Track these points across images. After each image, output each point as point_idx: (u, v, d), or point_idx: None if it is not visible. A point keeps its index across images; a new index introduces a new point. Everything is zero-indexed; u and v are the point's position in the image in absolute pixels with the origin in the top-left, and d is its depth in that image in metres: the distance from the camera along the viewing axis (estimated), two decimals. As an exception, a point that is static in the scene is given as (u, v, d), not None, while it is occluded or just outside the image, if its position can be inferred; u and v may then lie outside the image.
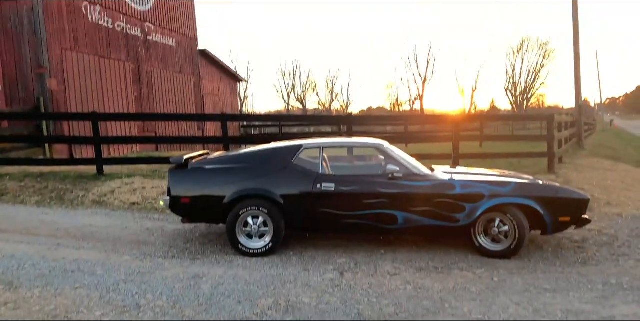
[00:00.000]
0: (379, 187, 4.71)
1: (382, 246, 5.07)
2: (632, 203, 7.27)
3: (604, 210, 6.79)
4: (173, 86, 16.85)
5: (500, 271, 4.28)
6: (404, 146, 17.86)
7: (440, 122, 16.88)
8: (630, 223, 6.00)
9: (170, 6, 16.84)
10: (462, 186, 4.69)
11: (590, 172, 10.19)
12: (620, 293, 3.69)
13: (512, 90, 64.07)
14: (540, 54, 61.37)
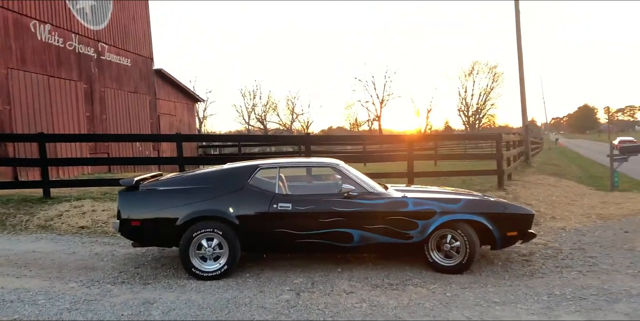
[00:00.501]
0: (335, 205, 4.76)
1: (340, 265, 5.09)
2: (574, 217, 7.63)
3: (549, 224, 7.09)
4: (127, 106, 16.53)
5: (452, 286, 4.38)
6: (362, 165, 18.14)
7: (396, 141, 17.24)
8: (572, 236, 6.29)
9: (126, 25, 16.65)
10: (415, 203, 4.80)
11: (537, 188, 10.64)
12: (564, 304, 3.85)
13: (464, 111, 66.55)
14: (490, 77, 64.39)
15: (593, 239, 6.15)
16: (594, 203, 9.16)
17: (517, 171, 13.87)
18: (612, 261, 5.11)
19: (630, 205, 8.82)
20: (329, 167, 5.23)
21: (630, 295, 4.01)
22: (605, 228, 6.80)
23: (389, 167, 14.27)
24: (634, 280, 4.42)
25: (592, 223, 7.23)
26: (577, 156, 30.90)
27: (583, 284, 4.34)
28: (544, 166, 17.93)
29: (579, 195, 10.31)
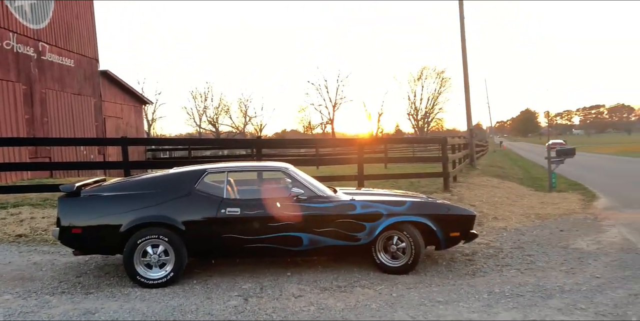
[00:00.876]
0: (284, 209, 4.77)
1: (289, 268, 5.10)
2: (515, 217, 7.99)
3: (491, 224, 7.39)
4: (71, 108, 15.87)
5: (399, 287, 4.48)
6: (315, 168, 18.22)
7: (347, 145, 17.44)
8: (513, 236, 6.59)
9: (68, 25, 16.00)
10: (362, 206, 4.89)
11: (481, 189, 11.06)
12: (502, 301, 4.02)
13: (414, 115, 68.20)
14: (437, 82, 66.29)
15: (531, 238, 6.46)
16: (534, 203, 9.62)
17: (462, 173, 14.37)
18: (547, 259, 5.39)
19: (566, 205, 9.33)
20: (279, 171, 5.24)
21: (563, 290, 4.25)
22: (542, 227, 7.16)
23: (341, 170, 14.44)
24: (567, 277, 4.68)
25: (531, 222, 7.60)
26: (519, 158, 32.29)
27: (521, 281, 4.55)
28: (488, 168, 18.64)
29: (519, 195, 10.79)
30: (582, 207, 9.13)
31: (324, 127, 63.26)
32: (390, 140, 24.66)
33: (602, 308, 3.78)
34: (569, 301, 3.96)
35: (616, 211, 8.50)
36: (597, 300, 3.97)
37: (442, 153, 10.38)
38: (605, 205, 9.26)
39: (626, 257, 5.31)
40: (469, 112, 17.23)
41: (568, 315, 3.67)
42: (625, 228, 6.88)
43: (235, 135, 58.38)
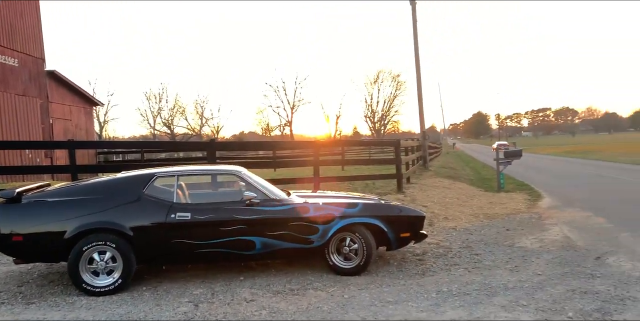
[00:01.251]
0: (236, 213, 4.74)
1: (242, 273, 5.07)
2: (464, 217, 8.25)
3: (442, 224, 7.59)
4: (15, 110, 15.16)
5: (350, 288, 4.54)
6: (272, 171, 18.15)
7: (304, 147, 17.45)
8: (462, 235, 6.80)
9: (12, 23, 15.29)
10: (315, 209, 4.93)
11: (433, 190, 11.35)
12: (450, 300, 4.15)
13: (370, 117, 69.12)
14: (393, 85, 67.47)
15: (479, 237, 6.69)
16: (483, 203, 9.95)
17: (416, 174, 14.68)
18: (494, 257, 5.60)
19: (513, 204, 9.71)
20: (231, 174, 5.20)
21: (507, 288, 4.42)
22: (490, 227, 7.42)
23: (298, 173, 14.45)
24: (511, 274, 4.87)
25: (480, 222, 7.87)
26: (471, 159, 33.31)
27: (468, 280, 4.70)
28: (441, 169, 19.13)
29: (469, 196, 11.14)
30: (527, 206, 9.53)
31: (283, 129, 63.18)
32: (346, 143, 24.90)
33: (542, 304, 3.96)
34: (512, 298, 4.13)
35: (559, 210, 8.92)
36: (537, 296, 4.15)
37: (396, 156, 10.58)
38: (549, 205, 9.70)
39: (566, 254, 5.58)
40: (421, 115, 17.65)
41: (510, 311, 3.82)
42: (566, 227, 7.23)
43: (191, 137, 57.32)
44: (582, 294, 4.16)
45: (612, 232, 6.69)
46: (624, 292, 4.17)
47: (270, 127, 63.81)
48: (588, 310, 3.78)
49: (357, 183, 11.50)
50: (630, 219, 7.61)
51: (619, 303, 3.90)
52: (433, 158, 25.91)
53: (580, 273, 4.82)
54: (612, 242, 6.08)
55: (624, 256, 5.38)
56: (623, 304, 3.89)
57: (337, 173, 15.57)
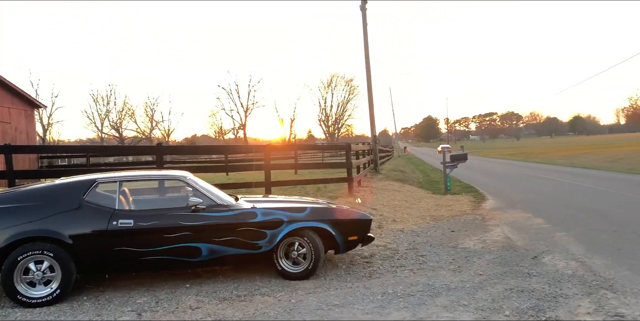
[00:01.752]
0: (181, 219, 4.66)
1: (189, 280, 4.99)
2: (412, 219, 8.45)
3: (390, 226, 7.75)
4: (-56, 111, 14.21)
5: (298, 292, 4.55)
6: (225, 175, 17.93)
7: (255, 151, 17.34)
8: (409, 237, 6.96)
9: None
10: (263, 214, 4.92)
11: (383, 193, 11.56)
12: (394, 301, 4.24)
13: (324, 121, 69.59)
14: (347, 90, 68.26)
15: (425, 239, 6.87)
16: (430, 206, 10.23)
17: (366, 178, 14.90)
18: (438, 258, 5.76)
19: (458, 206, 10.04)
20: (176, 180, 5.11)
21: (449, 288, 4.56)
22: (436, 229, 7.64)
23: (250, 177, 14.36)
24: (454, 275, 5.03)
25: (426, 224, 8.08)
26: (421, 162, 34.18)
27: (412, 281, 4.82)
28: (391, 172, 19.50)
29: (417, 198, 11.42)
30: (472, 208, 9.87)
31: (236, 132, 62.54)
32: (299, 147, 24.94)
33: (482, 303, 4.11)
34: (454, 298, 4.26)
35: (501, 211, 9.29)
36: (478, 296, 4.31)
37: (347, 159, 10.71)
38: (492, 206, 10.09)
39: (506, 254, 5.82)
40: (372, 119, 17.96)
41: (452, 311, 3.95)
42: (507, 227, 7.55)
43: (141, 141, 55.71)
44: (519, 293, 4.35)
45: (549, 232, 7.04)
46: (557, 290, 4.39)
47: (223, 130, 63.06)
48: (524, 308, 3.96)
49: (309, 187, 11.56)
50: (566, 219, 8.04)
51: (552, 301, 4.11)
52: (384, 161, 26.39)
53: (518, 272, 5.04)
54: (548, 242, 6.40)
55: (559, 255, 5.67)
56: (555, 301, 4.10)
57: (289, 177, 15.57)
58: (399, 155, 48.82)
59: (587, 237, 6.58)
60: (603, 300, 4.06)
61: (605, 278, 4.65)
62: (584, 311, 3.81)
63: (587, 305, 3.95)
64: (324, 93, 68.50)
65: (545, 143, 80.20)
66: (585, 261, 5.30)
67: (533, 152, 42.65)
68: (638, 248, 5.75)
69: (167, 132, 59.52)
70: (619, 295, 4.15)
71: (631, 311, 3.76)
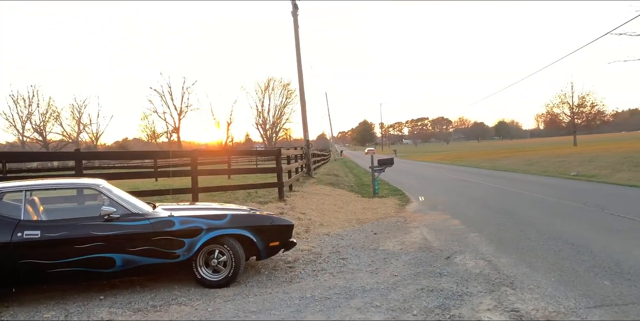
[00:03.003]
0: (93, 229, 4.51)
1: (103, 291, 4.83)
2: (339, 223, 8.64)
3: (317, 230, 7.88)
4: None
5: (217, 300, 4.54)
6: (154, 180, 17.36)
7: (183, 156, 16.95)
8: (333, 241, 7.12)
9: None
10: (181, 222, 4.86)
11: (313, 197, 11.71)
12: (311, 305, 4.34)
13: (262, 125, 69.26)
14: (284, 94, 68.36)
15: (349, 242, 7.05)
16: (357, 209, 10.49)
17: (298, 182, 15.02)
18: (358, 261, 5.95)
19: (383, 209, 10.37)
20: (89, 188, 4.95)
21: (364, 290, 4.72)
22: (360, 232, 7.86)
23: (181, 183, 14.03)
24: (371, 277, 5.22)
25: (352, 227, 8.29)
26: (355, 166, 34.83)
27: (331, 285, 4.94)
28: (325, 176, 19.77)
29: (346, 202, 11.67)
30: (396, 211, 10.23)
31: (170, 135, 60.74)
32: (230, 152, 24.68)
33: (393, 303, 4.30)
34: (368, 300, 4.43)
35: (422, 213, 9.70)
36: (390, 296, 4.50)
37: (277, 164, 10.76)
38: (415, 209, 10.50)
39: (421, 255, 6.10)
40: (305, 124, 18.13)
41: (364, 312, 4.10)
42: (426, 229, 7.90)
43: (67, 145, 52.76)
44: (429, 292, 4.58)
45: (464, 233, 7.44)
46: (463, 288, 4.67)
47: (156, 134, 61.06)
48: (431, 307, 4.18)
49: (239, 192, 11.49)
50: (480, 221, 8.53)
51: (458, 299, 4.37)
52: (320, 165, 26.69)
53: (430, 272, 5.30)
54: (462, 242, 6.77)
55: (469, 255, 6.02)
56: (461, 299, 4.36)
57: (222, 182, 15.38)
58: (335, 158, 49.51)
59: (497, 236, 7.03)
60: (503, 296, 4.37)
61: (507, 276, 5.00)
62: (485, 308, 4.09)
63: (488, 302, 4.23)
64: (261, 97, 68.26)
65: (473, 147, 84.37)
66: (492, 260, 5.67)
67: (460, 155, 44.72)
68: (539, 246, 6.23)
69: (96, 136, 56.80)
70: (517, 291, 4.48)
71: (525, 306, 4.07)
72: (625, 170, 16.11)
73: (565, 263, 5.33)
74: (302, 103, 18.21)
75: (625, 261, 5.24)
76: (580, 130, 48.95)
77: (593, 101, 46.57)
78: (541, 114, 54.49)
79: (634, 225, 7.26)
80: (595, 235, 6.70)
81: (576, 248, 6.00)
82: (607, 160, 19.20)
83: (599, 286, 4.45)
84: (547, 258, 5.58)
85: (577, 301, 4.10)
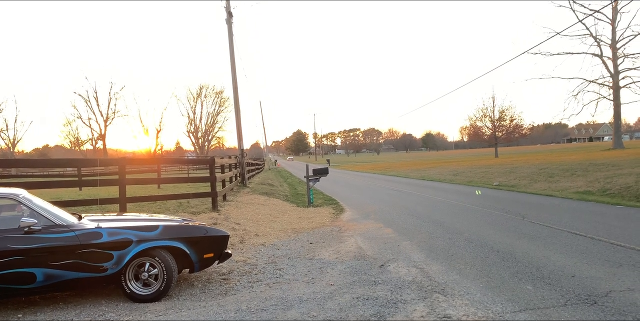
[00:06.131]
0: (11, 243, 4.18)
1: (22, 309, 4.49)
2: (274, 232, 8.58)
3: (252, 241, 7.77)
4: None
5: (147, 316, 4.34)
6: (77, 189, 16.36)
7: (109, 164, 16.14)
8: (269, 251, 7.05)
9: None
10: (109, 234, 4.62)
11: (248, 207, 11.56)
12: (247, 318, 4.25)
13: (194, 133, 67.62)
14: (217, 101, 67.33)
15: (285, 252, 7.02)
16: (292, 218, 10.48)
17: (233, 192, 14.78)
18: (294, 271, 5.93)
19: (319, 218, 10.43)
20: (7, 198, 4.58)
21: (301, 300, 4.71)
22: (296, 241, 7.85)
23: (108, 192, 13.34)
24: (307, 287, 5.21)
25: (287, 237, 8.26)
26: (289, 175, 34.86)
27: (267, 296, 4.88)
28: (259, 186, 19.60)
29: (282, 212, 11.63)
30: (331, 220, 10.33)
31: (95, 143, 57.77)
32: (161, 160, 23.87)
33: (330, 313, 4.31)
34: (305, 310, 4.41)
35: (357, 222, 9.86)
36: (327, 306, 4.52)
37: (210, 173, 10.52)
38: (349, 218, 10.66)
39: (356, 264, 6.19)
40: (239, 133, 17.92)
41: (302, 323, 4.09)
42: (360, 238, 8.03)
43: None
44: (364, 301, 4.64)
45: (396, 241, 7.64)
46: (397, 296, 4.78)
47: (80, 141, 57.88)
48: (367, 315, 4.24)
49: (170, 202, 11.11)
50: (411, 229, 8.80)
51: (393, 307, 4.46)
52: (255, 174, 26.41)
53: (366, 281, 5.38)
54: (394, 250, 6.94)
55: (402, 263, 6.18)
56: (396, 307, 4.46)
57: (152, 192, 14.80)
58: (270, 168, 49.25)
59: (428, 244, 7.28)
60: (435, 303, 4.52)
61: (439, 283, 5.18)
62: (419, 315, 4.20)
63: (421, 309, 4.36)
64: (193, 104, 66.77)
65: (402, 157, 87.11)
66: (424, 268, 5.85)
67: (390, 165, 46.05)
68: (467, 254, 6.52)
69: (12, 142, 52.87)
70: (448, 298, 4.65)
71: (457, 312, 4.23)
72: (542, 180, 17.32)
73: (492, 269, 5.62)
74: (237, 111, 18.00)
75: (545, 267, 5.61)
76: (501, 142, 51.98)
77: (512, 115, 49.73)
78: (465, 127, 57.42)
79: (551, 232, 7.79)
80: (518, 241, 7.13)
81: (501, 254, 6.34)
82: (525, 171, 20.54)
83: (523, 291, 4.72)
84: (475, 265, 5.85)
85: (504, 306, 4.33)
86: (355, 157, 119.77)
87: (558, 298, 4.47)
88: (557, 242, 6.93)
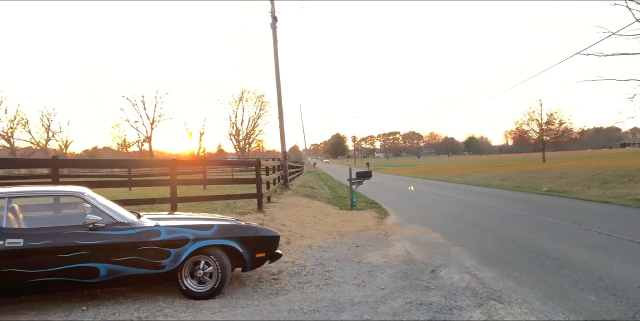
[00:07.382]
0: (77, 238, 4.36)
1: (85, 302, 4.66)
2: (319, 234, 8.59)
3: (298, 242, 7.82)
4: None
5: (203, 312, 4.43)
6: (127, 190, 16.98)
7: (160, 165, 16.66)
8: (316, 253, 7.07)
9: None
10: (167, 232, 4.75)
11: (292, 209, 11.64)
12: (300, 318, 4.27)
13: (235, 136, 68.90)
14: (258, 105, 68.40)
15: (332, 254, 7.02)
16: (337, 221, 10.47)
17: (276, 194, 14.93)
18: (343, 273, 5.91)
19: (363, 222, 10.38)
20: (74, 196, 4.79)
21: (353, 303, 4.69)
22: (342, 244, 7.83)
23: (157, 192, 13.75)
24: (358, 290, 5.19)
25: (333, 239, 8.26)
26: (329, 178, 34.92)
27: (319, 297, 4.89)
28: (301, 188, 19.71)
29: (325, 214, 11.65)
30: (376, 223, 10.26)
31: (141, 145, 59.66)
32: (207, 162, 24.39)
33: (384, 317, 4.28)
34: (358, 313, 4.39)
35: (402, 226, 9.76)
36: (380, 310, 4.48)
37: (256, 175, 10.67)
38: (394, 222, 10.56)
39: (406, 269, 6.11)
40: (282, 135, 18.12)
41: (356, 325, 4.07)
42: (407, 242, 7.94)
43: (35, 152, 51.15)
44: (418, 306, 4.58)
45: (445, 246, 7.51)
46: (452, 302, 4.69)
47: (127, 143, 59.92)
48: (422, 320, 4.18)
49: (218, 203, 11.33)
50: (460, 235, 8.63)
51: (448, 313, 4.38)
52: (294, 177, 26.59)
53: (417, 286, 5.31)
54: (445, 256, 6.82)
55: (454, 269, 6.06)
56: (451, 313, 4.37)
57: (197, 192, 15.15)
58: (309, 170, 49.49)
59: (479, 250, 7.11)
60: (492, 310, 4.41)
61: (494, 290, 5.05)
62: (476, 321, 4.11)
63: (478, 316, 4.26)
64: (234, 108, 68.03)
65: (444, 161, 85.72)
66: (477, 274, 5.72)
67: (432, 169, 45.36)
68: (521, 261, 6.32)
69: (65, 144, 55.31)
70: (505, 305, 4.53)
71: (515, 320, 4.11)
72: (595, 186, 16.63)
73: (549, 277, 5.43)
74: (280, 115, 18.19)
75: (608, 277, 5.37)
76: (549, 147, 50.31)
77: (561, 118, 48.01)
78: (510, 131, 55.78)
79: (611, 240, 7.47)
80: (575, 249, 6.86)
81: (558, 262, 6.12)
82: (577, 177, 19.79)
83: (586, 301, 4.54)
84: (532, 273, 5.67)
85: (566, 316, 4.17)
86: (395, 160, 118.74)
87: (625, 309, 4.28)
88: (619, 251, 6.63)
